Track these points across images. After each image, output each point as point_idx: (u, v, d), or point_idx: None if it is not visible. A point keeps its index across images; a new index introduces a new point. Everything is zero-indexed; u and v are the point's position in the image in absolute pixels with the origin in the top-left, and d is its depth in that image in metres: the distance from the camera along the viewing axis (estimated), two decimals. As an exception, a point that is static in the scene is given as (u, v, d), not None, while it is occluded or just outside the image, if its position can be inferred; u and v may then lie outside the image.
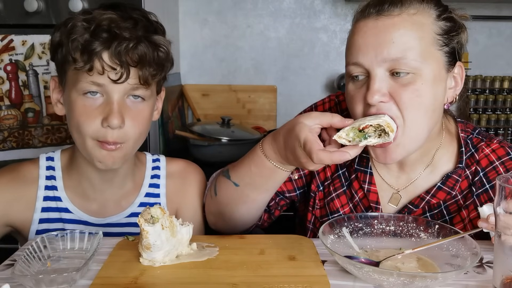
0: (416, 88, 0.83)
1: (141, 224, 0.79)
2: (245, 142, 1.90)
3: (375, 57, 0.83)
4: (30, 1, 1.55)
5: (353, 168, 1.02)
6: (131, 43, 0.88)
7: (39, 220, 1.03)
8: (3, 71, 1.60)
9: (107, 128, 0.90)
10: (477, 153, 0.96)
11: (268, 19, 2.29)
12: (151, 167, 1.13)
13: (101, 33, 0.88)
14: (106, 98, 0.91)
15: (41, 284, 0.72)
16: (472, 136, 0.99)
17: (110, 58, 0.88)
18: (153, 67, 0.92)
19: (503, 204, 0.70)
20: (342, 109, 1.06)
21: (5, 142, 1.62)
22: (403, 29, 0.82)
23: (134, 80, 0.91)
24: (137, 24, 0.91)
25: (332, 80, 2.30)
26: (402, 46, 0.82)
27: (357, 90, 0.87)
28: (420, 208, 0.98)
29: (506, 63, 2.32)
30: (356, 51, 0.85)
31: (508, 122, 2.23)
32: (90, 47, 0.87)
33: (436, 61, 0.85)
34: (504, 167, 0.94)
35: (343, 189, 1.03)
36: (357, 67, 0.86)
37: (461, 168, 0.95)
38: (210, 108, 2.31)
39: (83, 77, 0.89)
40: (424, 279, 0.73)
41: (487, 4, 2.21)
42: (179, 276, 0.78)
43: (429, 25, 0.84)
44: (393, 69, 0.83)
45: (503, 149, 0.96)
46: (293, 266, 0.81)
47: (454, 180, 0.95)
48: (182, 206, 1.13)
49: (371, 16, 0.85)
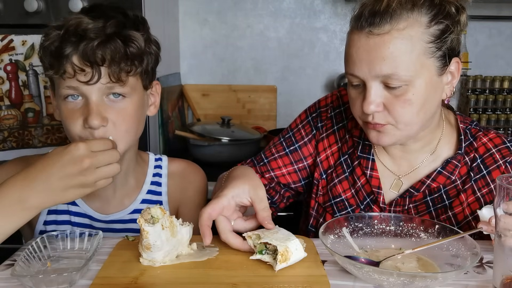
0: (408, 98, 0.88)
1: (141, 224, 0.79)
2: (245, 142, 1.90)
3: (368, 72, 0.88)
4: (30, 1, 1.55)
5: (356, 155, 1.06)
6: (96, 42, 0.88)
7: (48, 211, 1.05)
8: (3, 71, 1.60)
9: (88, 129, 0.90)
10: (476, 141, 1.01)
11: (268, 19, 2.29)
12: (153, 166, 1.14)
13: (70, 37, 0.89)
14: (84, 100, 0.91)
15: (41, 284, 0.72)
16: (470, 126, 1.04)
17: (79, 60, 0.88)
18: (124, 63, 0.91)
19: (503, 205, 0.70)
20: (344, 102, 1.11)
21: (5, 142, 1.62)
22: (392, 46, 0.85)
23: (107, 79, 0.90)
24: (107, 21, 0.91)
25: (332, 80, 2.30)
26: (393, 62, 0.85)
27: (356, 96, 0.93)
28: (421, 192, 1.01)
29: (506, 63, 2.32)
30: (352, 64, 0.90)
31: (508, 122, 2.23)
32: (60, 51, 0.89)
33: (427, 69, 0.88)
34: (500, 154, 0.99)
35: (345, 175, 1.07)
36: (354, 77, 0.91)
37: (460, 154, 1.00)
38: (210, 108, 2.31)
39: (60, 82, 0.91)
40: (424, 279, 0.73)
41: (487, 4, 2.21)
42: (179, 276, 0.78)
43: (419, 37, 0.86)
44: (386, 82, 0.88)
45: (499, 138, 1.02)
46: (293, 266, 0.80)
47: (453, 166, 1.00)
48: (183, 205, 1.15)
49: (363, 31, 0.87)
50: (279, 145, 1.13)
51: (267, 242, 0.81)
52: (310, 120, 1.12)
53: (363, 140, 1.06)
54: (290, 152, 1.12)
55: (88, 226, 1.06)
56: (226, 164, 1.91)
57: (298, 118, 1.16)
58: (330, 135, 1.10)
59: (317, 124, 1.11)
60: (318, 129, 1.11)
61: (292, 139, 1.13)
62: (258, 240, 0.83)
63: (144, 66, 0.95)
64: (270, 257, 0.81)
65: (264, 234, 0.84)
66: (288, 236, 0.84)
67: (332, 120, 1.11)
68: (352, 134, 1.08)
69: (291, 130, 1.14)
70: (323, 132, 1.11)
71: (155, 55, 0.99)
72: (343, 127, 1.10)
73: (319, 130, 1.11)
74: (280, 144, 1.13)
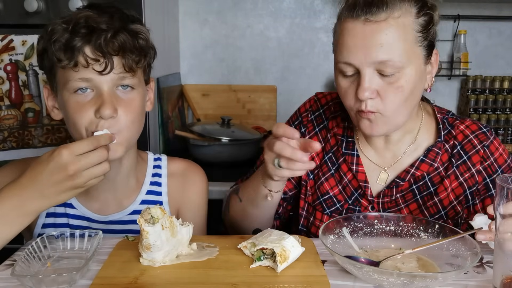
0: (400, 85, 0.92)
1: (141, 224, 0.79)
2: (245, 142, 1.90)
3: (364, 59, 0.90)
4: (30, 1, 1.55)
5: (341, 152, 1.10)
6: (109, 33, 0.91)
7: (46, 214, 1.05)
8: (3, 71, 1.60)
9: (99, 119, 0.91)
10: (454, 129, 1.06)
11: (268, 19, 2.29)
12: (152, 165, 1.14)
13: (80, 29, 0.91)
14: (96, 92, 0.93)
15: (41, 284, 0.72)
16: (447, 116, 1.09)
17: (92, 51, 0.90)
18: (135, 54, 0.94)
19: (503, 206, 0.70)
20: (322, 104, 1.16)
21: (5, 142, 1.62)
22: (389, 33, 0.89)
23: (120, 69, 0.93)
24: (113, 16, 0.94)
25: (332, 80, 2.30)
26: (389, 49, 0.89)
27: (348, 85, 0.95)
28: (406, 182, 1.05)
29: (506, 63, 2.32)
30: (347, 52, 0.92)
31: (508, 122, 2.23)
32: (71, 44, 0.90)
33: (417, 57, 0.93)
34: (478, 139, 1.05)
35: (331, 173, 1.11)
36: (348, 66, 0.93)
37: (440, 142, 1.05)
38: (210, 108, 2.31)
39: (71, 75, 0.92)
40: (424, 279, 0.73)
41: (487, 4, 2.21)
42: (179, 276, 0.78)
43: (411, 25, 0.91)
44: (380, 70, 0.91)
45: (475, 125, 1.07)
46: (293, 266, 0.81)
47: (435, 153, 1.05)
48: (184, 205, 1.14)
49: (359, 19, 0.90)
50: None
51: (263, 247, 0.81)
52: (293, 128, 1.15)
53: (346, 138, 1.10)
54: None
55: (87, 228, 1.05)
56: (226, 164, 1.93)
57: None
58: (313, 137, 1.14)
59: (301, 130, 1.15)
60: (302, 134, 1.14)
61: None
62: (254, 247, 0.83)
63: (148, 59, 0.99)
64: (270, 261, 0.81)
65: (258, 240, 0.84)
66: (282, 235, 0.84)
67: (313, 123, 1.15)
68: (334, 133, 1.12)
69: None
70: (306, 135, 1.14)
71: (154, 50, 1.02)
72: (324, 128, 1.14)
73: (304, 135, 1.14)
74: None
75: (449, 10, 2.21)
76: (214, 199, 1.60)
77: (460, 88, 2.36)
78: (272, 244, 0.81)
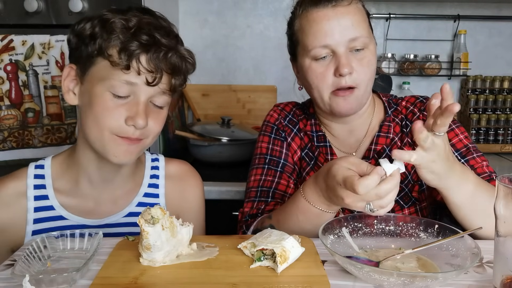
0: (368, 60, 1.05)
1: (142, 224, 0.79)
2: (245, 142, 1.90)
3: (339, 38, 1.02)
4: (30, 1, 1.55)
5: (314, 146, 1.19)
6: (168, 52, 0.93)
7: (32, 233, 1.00)
8: (3, 71, 1.60)
9: (131, 126, 0.92)
10: (398, 106, 1.20)
11: (268, 19, 2.29)
12: (150, 166, 1.13)
13: (142, 35, 0.90)
14: (133, 98, 0.92)
15: (41, 284, 0.72)
16: (391, 98, 1.23)
17: (148, 61, 0.91)
18: (181, 77, 0.97)
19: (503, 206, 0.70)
20: (288, 112, 1.26)
21: (5, 142, 1.62)
22: (356, 14, 1.04)
23: (165, 86, 0.95)
24: (170, 34, 0.96)
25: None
26: (358, 27, 1.03)
27: (325, 68, 1.05)
28: (372, 159, 1.14)
29: (506, 63, 2.32)
30: (323, 36, 1.03)
31: (508, 122, 2.23)
32: (129, 46, 0.89)
33: (372, 37, 1.09)
34: (417, 107, 1.18)
35: (310, 166, 1.19)
36: (325, 49, 1.04)
37: (388, 115, 1.18)
38: (210, 108, 2.31)
39: (116, 74, 0.90)
40: (424, 279, 0.73)
41: (487, 4, 2.21)
42: (179, 276, 0.78)
43: (364, 10, 1.08)
44: (352, 47, 1.03)
45: (413, 97, 1.21)
46: (293, 266, 0.80)
47: (387, 126, 1.16)
48: (183, 210, 1.13)
49: (327, 7, 1.03)
50: (269, 171, 1.17)
51: (263, 248, 0.81)
52: (274, 136, 1.22)
53: (316, 132, 1.19)
54: (282, 169, 1.17)
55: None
56: (226, 164, 1.93)
57: (261, 143, 1.22)
58: (294, 137, 1.21)
59: (282, 134, 1.22)
60: (285, 138, 1.21)
61: (274, 158, 1.18)
62: (254, 248, 0.83)
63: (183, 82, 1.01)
64: (270, 261, 0.81)
65: (258, 240, 0.84)
66: (282, 236, 0.84)
67: (289, 126, 1.23)
68: (305, 130, 1.21)
69: (266, 154, 1.19)
70: (288, 138, 1.21)
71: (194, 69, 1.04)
72: (298, 129, 1.22)
73: (286, 139, 1.21)
74: (268, 170, 1.17)
75: (449, 10, 2.21)
76: (214, 199, 1.60)
77: (460, 88, 2.36)
78: (272, 244, 0.81)
